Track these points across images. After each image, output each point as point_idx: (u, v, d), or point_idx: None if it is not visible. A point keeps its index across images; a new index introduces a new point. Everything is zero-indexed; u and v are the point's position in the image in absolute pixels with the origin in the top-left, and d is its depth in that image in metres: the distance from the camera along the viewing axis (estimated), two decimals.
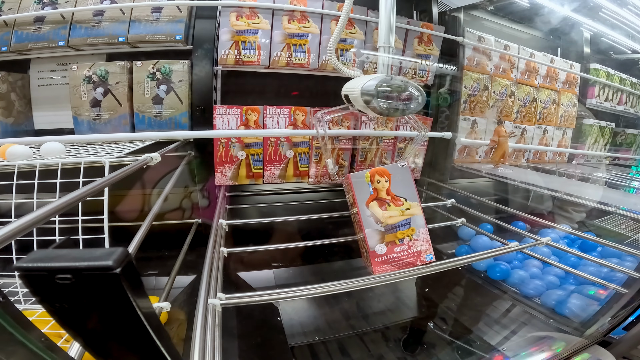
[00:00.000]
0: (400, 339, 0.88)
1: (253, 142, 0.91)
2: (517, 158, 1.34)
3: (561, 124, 1.41)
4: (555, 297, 0.87)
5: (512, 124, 1.28)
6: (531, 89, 1.30)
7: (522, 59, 1.24)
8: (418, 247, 0.61)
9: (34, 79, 0.87)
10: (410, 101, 0.69)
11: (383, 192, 0.62)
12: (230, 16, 0.84)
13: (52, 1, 0.78)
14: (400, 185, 0.62)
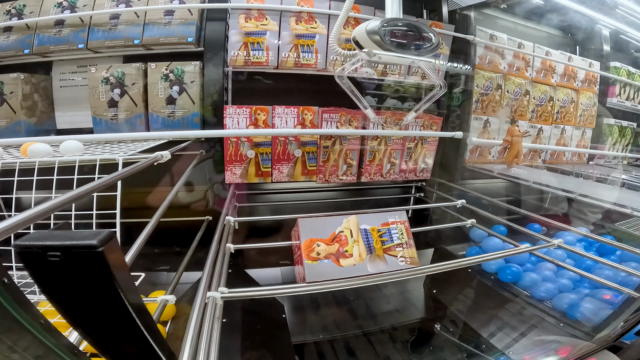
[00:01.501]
0: (406, 340, 0.87)
1: (262, 142, 0.93)
2: (533, 158, 1.31)
3: (580, 123, 1.36)
4: (567, 301, 0.84)
5: (527, 123, 1.25)
6: (548, 87, 1.26)
7: (537, 58, 1.21)
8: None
9: (56, 81, 0.92)
10: (422, 41, 0.69)
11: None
12: (239, 18, 0.86)
13: (71, 4, 0.82)
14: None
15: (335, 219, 0.68)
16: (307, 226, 0.66)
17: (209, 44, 0.89)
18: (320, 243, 0.65)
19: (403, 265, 0.67)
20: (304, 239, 0.64)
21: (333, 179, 1.00)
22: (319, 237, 0.65)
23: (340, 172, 1.00)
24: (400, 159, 1.06)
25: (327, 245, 0.65)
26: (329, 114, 0.94)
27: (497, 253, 0.81)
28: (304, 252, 0.63)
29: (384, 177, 1.05)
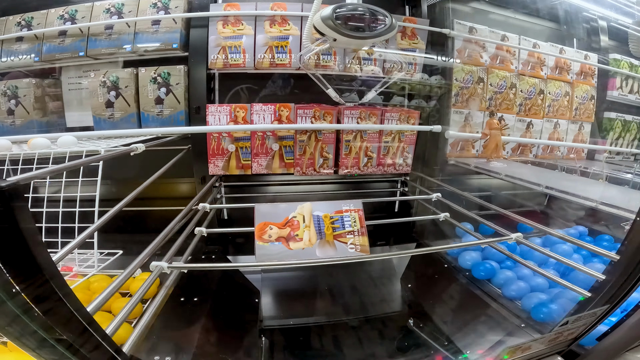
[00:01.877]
0: (369, 330, 0.90)
1: (242, 136, 1.01)
2: (523, 153, 1.29)
3: (576, 117, 1.33)
4: (535, 301, 0.82)
5: (514, 117, 1.24)
6: (537, 80, 1.25)
7: (524, 50, 1.20)
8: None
9: (65, 84, 1.05)
10: (377, 24, 0.73)
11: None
12: (217, 25, 0.94)
13: (72, 16, 0.94)
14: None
15: (291, 205, 0.74)
16: (263, 211, 0.73)
17: (193, 49, 0.98)
18: (273, 226, 0.71)
19: (352, 252, 0.71)
20: (258, 222, 0.71)
21: (310, 172, 1.06)
22: (272, 221, 0.72)
23: (317, 165, 1.06)
24: (377, 153, 1.10)
25: (279, 229, 0.71)
26: (303, 109, 1.00)
27: (450, 245, 0.83)
28: (256, 234, 0.70)
29: (362, 170, 1.10)
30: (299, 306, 0.98)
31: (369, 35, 0.74)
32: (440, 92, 1.12)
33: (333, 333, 0.89)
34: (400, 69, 0.89)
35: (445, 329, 0.85)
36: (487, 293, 0.92)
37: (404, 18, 1.03)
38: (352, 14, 0.73)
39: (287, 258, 0.68)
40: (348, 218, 0.75)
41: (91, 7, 0.94)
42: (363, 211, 0.76)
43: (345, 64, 1.02)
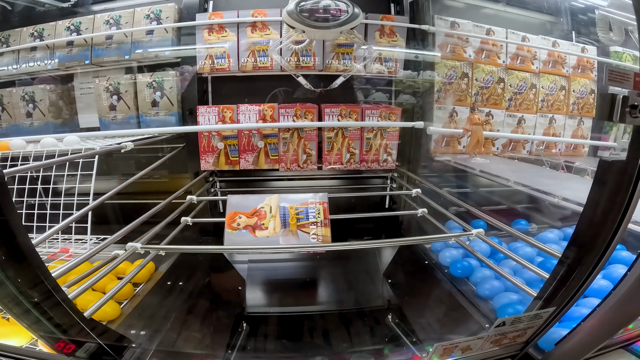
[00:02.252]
0: (339, 323, 0.94)
1: (229, 135, 1.08)
2: (515, 149, 1.28)
3: (574, 112, 1.29)
4: (504, 301, 0.81)
5: (503, 112, 1.23)
6: (528, 74, 1.23)
7: (512, 44, 1.19)
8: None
9: (77, 89, 1.17)
10: (340, 13, 0.78)
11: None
12: (203, 33, 1.02)
13: (77, 28, 1.06)
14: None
15: (261, 197, 0.81)
16: (234, 202, 0.80)
17: (184, 56, 1.07)
18: (242, 216, 0.78)
19: (314, 242, 0.76)
20: (229, 211, 0.78)
21: (294, 167, 1.12)
22: (242, 211, 0.79)
23: (300, 161, 1.12)
24: (359, 149, 1.14)
25: (247, 218, 0.78)
26: (285, 109, 1.06)
27: (416, 238, 0.86)
28: (226, 222, 0.77)
29: (345, 166, 1.14)
30: (280, 296, 1.05)
31: (333, 25, 0.78)
32: (423, 89, 1.14)
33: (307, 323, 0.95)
34: (367, 48, 0.92)
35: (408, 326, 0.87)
36: (461, 291, 0.91)
37: (382, 16, 1.06)
38: (314, 6, 0.78)
39: (252, 245, 0.75)
40: (313, 210, 0.80)
41: (93, 19, 1.05)
42: (328, 204, 0.81)
43: (325, 64, 1.07)
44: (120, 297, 0.84)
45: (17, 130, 1.13)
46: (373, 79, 1.14)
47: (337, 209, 1.26)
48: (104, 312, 0.75)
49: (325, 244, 0.76)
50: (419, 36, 1.11)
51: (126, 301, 0.83)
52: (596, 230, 0.51)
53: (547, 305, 0.60)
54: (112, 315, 0.76)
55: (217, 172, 1.21)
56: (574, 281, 0.56)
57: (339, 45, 1.06)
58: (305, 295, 1.05)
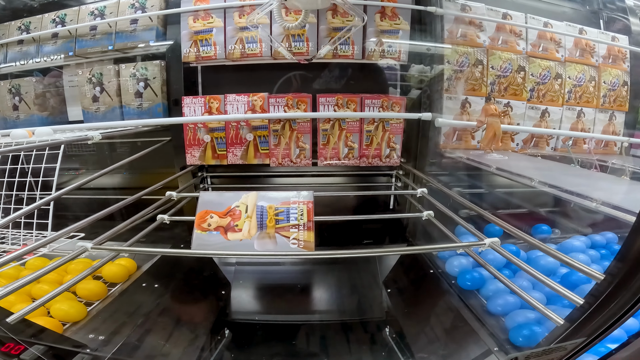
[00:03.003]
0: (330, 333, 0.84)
1: (216, 127, 1.01)
2: (539, 145, 1.13)
3: (605, 105, 1.13)
4: (520, 320, 0.69)
5: (524, 104, 1.09)
6: (552, 63, 1.09)
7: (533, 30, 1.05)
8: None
9: (66, 81, 1.13)
10: None
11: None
12: (188, 20, 0.95)
13: (62, 20, 1.01)
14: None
15: (237, 194, 0.72)
16: (207, 199, 0.71)
17: (169, 45, 1.00)
18: (213, 215, 0.69)
19: (294, 248, 0.66)
20: (200, 210, 0.69)
21: (287, 162, 1.03)
22: (214, 210, 0.70)
23: (293, 156, 1.02)
24: (359, 143, 1.03)
25: (219, 218, 0.69)
26: (276, 98, 0.97)
27: (416, 248, 0.74)
28: (196, 222, 0.68)
29: (342, 161, 1.04)
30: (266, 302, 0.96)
31: None
32: (430, 77, 1.02)
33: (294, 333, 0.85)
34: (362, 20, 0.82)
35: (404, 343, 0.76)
36: (469, 306, 0.78)
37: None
38: None
39: (222, 249, 0.66)
40: (295, 211, 0.70)
41: (78, 11, 1.00)
42: (313, 204, 0.71)
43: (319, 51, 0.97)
44: (92, 297, 0.77)
45: (5, 123, 1.09)
46: (374, 66, 1.04)
47: (335, 209, 1.17)
48: (66, 313, 0.68)
49: (305, 252, 0.66)
50: (426, 19, 1.00)
51: (97, 302, 0.77)
52: None
53: (574, 336, 0.48)
54: (76, 317, 0.69)
55: (208, 167, 1.13)
56: (615, 307, 0.42)
57: (335, 29, 0.97)
58: (294, 302, 0.95)
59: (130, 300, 0.82)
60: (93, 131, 0.77)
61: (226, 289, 0.97)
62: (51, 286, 0.75)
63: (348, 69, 1.04)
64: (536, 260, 0.86)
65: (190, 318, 0.84)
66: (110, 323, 0.72)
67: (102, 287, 0.81)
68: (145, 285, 0.87)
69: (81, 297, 0.78)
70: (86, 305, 0.74)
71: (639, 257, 0.38)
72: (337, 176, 1.18)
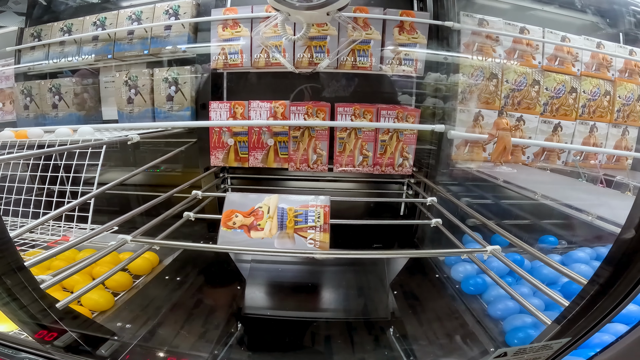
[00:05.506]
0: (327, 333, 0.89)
1: (240, 131, 1.07)
2: (549, 159, 1.16)
3: (619, 120, 1.15)
4: (517, 323, 0.73)
5: (537, 117, 1.12)
6: (567, 77, 1.11)
7: (549, 44, 1.08)
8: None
9: (102, 82, 1.22)
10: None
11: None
12: (218, 28, 1.02)
13: (102, 22, 1.09)
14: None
15: (260, 196, 0.78)
16: (232, 200, 0.78)
17: (199, 51, 1.07)
18: (238, 214, 0.75)
19: (310, 247, 0.72)
20: (226, 209, 0.76)
21: (304, 167, 1.09)
22: (239, 209, 0.76)
23: (310, 162, 1.08)
24: (373, 152, 1.08)
25: (243, 217, 0.75)
26: (297, 106, 1.03)
27: (420, 252, 0.78)
28: (222, 220, 0.75)
29: (357, 168, 1.09)
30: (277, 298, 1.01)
31: (317, 5, 0.73)
32: (445, 89, 1.06)
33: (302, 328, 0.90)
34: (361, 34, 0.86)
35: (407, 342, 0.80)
36: (471, 309, 0.83)
37: (401, 12, 0.99)
38: None
39: (246, 245, 0.72)
40: (312, 213, 0.76)
41: (117, 15, 1.08)
42: (329, 208, 0.77)
43: (340, 61, 1.02)
44: (118, 288, 0.84)
45: (44, 120, 1.19)
46: (391, 78, 1.08)
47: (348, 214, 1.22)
48: (96, 302, 0.75)
49: (321, 251, 0.72)
50: (443, 33, 1.04)
51: (123, 293, 0.84)
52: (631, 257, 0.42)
53: (560, 336, 0.52)
54: (105, 306, 0.76)
55: (229, 168, 1.20)
56: (597, 311, 0.47)
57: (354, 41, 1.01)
58: (304, 300, 1.01)
59: (153, 292, 0.89)
60: (133, 132, 0.84)
61: (241, 284, 1.03)
62: (81, 276, 0.82)
63: (366, 79, 1.09)
64: (539, 270, 0.89)
65: (207, 310, 0.91)
66: (135, 312, 0.78)
67: (128, 279, 0.87)
68: (167, 278, 0.94)
69: (109, 287, 0.84)
70: (113, 295, 0.80)
71: (619, 265, 0.42)
72: (351, 182, 1.23)
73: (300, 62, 1.02)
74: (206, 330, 0.84)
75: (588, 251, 0.97)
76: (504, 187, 0.90)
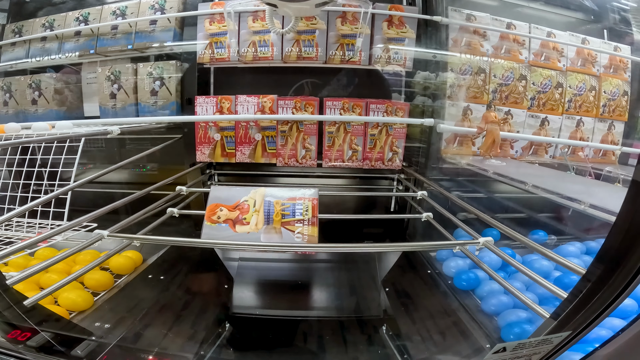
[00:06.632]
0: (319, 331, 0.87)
1: (226, 126, 1.05)
2: (537, 153, 1.16)
3: (605, 115, 1.16)
4: (512, 318, 0.72)
5: (525, 112, 1.12)
6: (553, 72, 1.12)
7: (535, 39, 1.09)
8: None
9: (84, 78, 1.18)
10: None
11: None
12: (204, 22, 1.00)
13: (85, 18, 1.06)
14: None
15: (245, 189, 0.76)
16: (217, 193, 0.75)
17: (185, 46, 1.05)
18: (223, 208, 0.73)
19: (298, 241, 0.70)
20: (210, 203, 0.73)
21: (292, 163, 1.07)
22: (224, 203, 0.74)
23: (299, 157, 1.06)
24: (363, 146, 1.07)
25: (228, 211, 0.73)
26: (285, 100, 1.01)
27: (411, 245, 0.76)
28: (206, 214, 0.72)
29: (346, 163, 1.08)
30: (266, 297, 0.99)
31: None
32: (434, 84, 1.06)
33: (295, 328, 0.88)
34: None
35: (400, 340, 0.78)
36: (464, 305, 0.81)
37: (390, 6, 0.99)
38: None
39: (231, 240, 0.69)
40: (300, 206, 0.74)
41: (101, 10, 1.05)
42: (318, 201, 0.75)
43: (328, 56, 1.01)
44: (98, 288, 0.81)
45: (24, 116, 1.14)
46: (380, 72, 1.07)
47: (338, 210, 1.21)
48: (73, 302, 0.72)
49: (309, 245, 0.70)
50: (431, 28, 1.04)
51: (103, 292, 0.80)
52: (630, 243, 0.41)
53: (560, 329, 0.51)
54: (83, 306, 0.73)
55: (216, 165, 1.17)
56: (597, 303, 0.45)
57: (344, 35, 1.01)
58: (294, 298, 0.98)
59: (135, 291, 0.85)
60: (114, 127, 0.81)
61: (229, 283, 1.00)
62: (60, 276, 0.78)
63: (355, 74, 1.08)
64: (531, 264, 0.89)
65: (192, 310, 0.87)
66: (115, 312, 0.75)
67: (108, 278, 0.84)
68: (150, 277, 0.91)
69: (88, 287, 0.81)
70: (93, 295, 0.77)
71: (618, 254, 0.41)
72: (341, 178, 1.22)
73: (289, 56, 1.00)
74: (191, 330, 0.81)
75: (578, 245, 0.97)
76: (494, 180, 0.90)
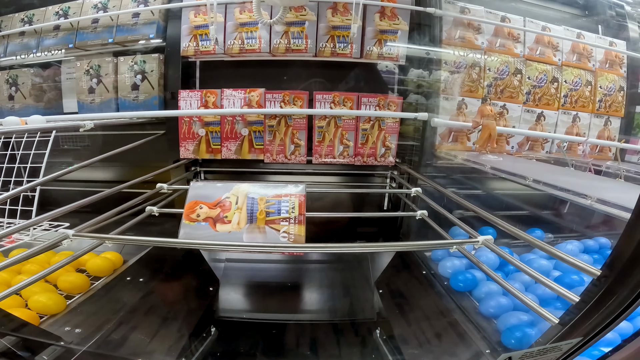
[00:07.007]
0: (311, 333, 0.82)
1: (212, 121, 1.00)
2: (534, 149, 1.13)
3: (601, 110, 1.14)
4: (513, 321, 0.68)
5: (520, 107, 1.09)
6: (549, 67, 1.09)
7: (531, 33, 1.06)
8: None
9: (64, 73, 1.13)
10: None
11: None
12: (189, 14, 0.96)
13: (65, 12, 1.01)
14: None
15: (227, 185, 0.71)
16: (196, 189, 0.70)
17: (169, 39, 1.00)
18: (203, 206, 0.68)
19: (283, 241, 0.65)
20: (189, 200, 0.69)
21: (281, 159, 1.02)
22: (204, 200, 0.69)
23: (287, 152, 1.02)
24: (354, 142, 1.03)
25: (209, 209, 0.68)
26: (272, 94, 0.97)
27: (405, 244, 0.72)
28: (185, 212, 0.67)
29: (337, 158, 1.03)
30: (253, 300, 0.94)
31: None
32: (427, 77, 1.02)
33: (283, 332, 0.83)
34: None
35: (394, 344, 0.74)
36: (461, 308, 0.77)
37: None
38: None
39: (210, 240, 0.65)
40: (286, 204, 0.69)
41: (82, 4, 1.01)
42: (305, 198, 0.70)
43: (319, 48, 0.97)
44: (73, 290, 0.76)
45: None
46: (372, 65, 1.04)
47: (329, 209, 1.16)
48: (44, 305, 0.67)
49: (295, 245, 0.65)
50: (425, 20, 1.00)
51: (78, 295, 0.75)
52: None
53: (570, 335, 0.46)
54: (55, 309, 0.68)
55: (202, 162, 1.12)
56: (613, 306, 0.40)
57: (334, 27, 0.97)
58: (283, 301, 0.94)
59: (112, 294, 0.80)
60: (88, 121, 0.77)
61: (214, 285, 0.95)
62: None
63: (345, 67, 1.04)
64: (529, 264, 0.84)
65: (175, 314, 0.82)
66: (89, 317, 0.70)
67: (84, 280, 0.79)
68: (129, 279, 0.86)
69: (62, 289, 0.77)
70: (66, 298, 0.73)
71: (636, 252, 0.37)
72: (332, 175, 1.17)
73: (277, 48, 0.96)
74: (172, 336, 0.76)
75: (576, 244, 0.94)
76: (492, 176, 0.86)
